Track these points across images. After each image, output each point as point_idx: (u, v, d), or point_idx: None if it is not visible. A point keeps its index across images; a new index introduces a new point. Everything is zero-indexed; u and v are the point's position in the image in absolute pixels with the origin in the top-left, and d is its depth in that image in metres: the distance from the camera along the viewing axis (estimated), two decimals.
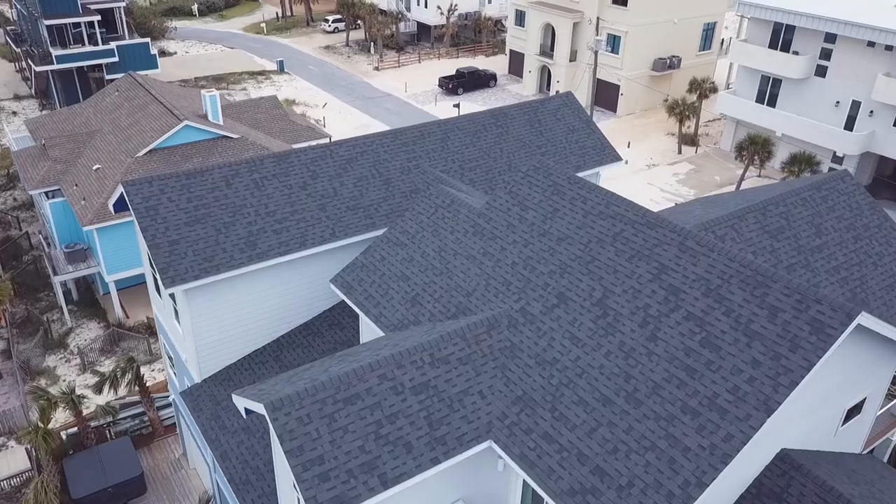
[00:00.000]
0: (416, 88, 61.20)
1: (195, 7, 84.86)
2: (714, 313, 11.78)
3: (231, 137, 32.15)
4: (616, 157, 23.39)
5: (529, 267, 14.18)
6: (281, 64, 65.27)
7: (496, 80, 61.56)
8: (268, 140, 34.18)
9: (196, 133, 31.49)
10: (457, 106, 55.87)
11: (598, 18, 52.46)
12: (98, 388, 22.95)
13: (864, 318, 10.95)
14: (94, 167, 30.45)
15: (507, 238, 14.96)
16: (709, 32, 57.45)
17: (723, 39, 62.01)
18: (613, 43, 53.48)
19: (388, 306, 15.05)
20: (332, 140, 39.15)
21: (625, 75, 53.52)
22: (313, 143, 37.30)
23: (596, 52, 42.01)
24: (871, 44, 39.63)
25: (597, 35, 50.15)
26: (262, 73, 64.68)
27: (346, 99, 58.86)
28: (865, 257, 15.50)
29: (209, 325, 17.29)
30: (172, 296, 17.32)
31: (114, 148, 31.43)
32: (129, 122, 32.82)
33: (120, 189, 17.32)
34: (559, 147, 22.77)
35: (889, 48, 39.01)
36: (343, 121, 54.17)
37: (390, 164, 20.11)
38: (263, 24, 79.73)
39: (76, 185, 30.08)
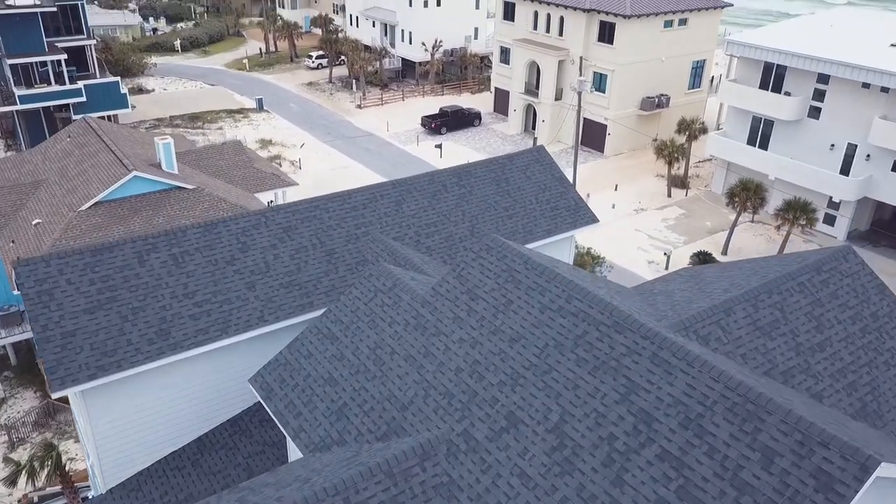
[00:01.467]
0: (398, 127, 59.41)
1: (178, 43, 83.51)
2: (694, 452, 9.42)
3: (186, 188, 29.93)
4: (592, 219, 21.19)
5: (476, 375, 11.83)
6: (260, 102, 63.52)
7: (481, 119, 59.83)
8: (227, 189, 32.00)
9: (147, 184, 29.27)
10: (439, 146, 54.07)
11: (581, 58, 50.84)
12: (11, 481, 20.36)
13: (886, 469, 8.59)
14: (34, 222, 28.16)
15: (453, 335, 12.62)
16: (698, 70, 55.92)
17: (713, 77, 60.52)
18: (600, 81, 51.83)
19: (310, 418, 12.64)
20: (299, 185, 36.97)
21: (612, 115, 51.76)
22: (279, 190, 35.27)
23: (580, 93, 40.17)
24: (866, 85, 37.86)
25: (580, 75, 48.44)
26: (240, 111, 62.90)
27: (326, 139, 56.97)
28: (876, 355, 13.21)
29: (113, 428, 14.84)
30: None
31: (57, 200, 29.18)
32: (77, 172, 30.63)
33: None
34: (528, 209, 20.58)
35: (885, 90, 37.22)
36: (320, 162, 52.20)
37: (335, 231, 17.86)
38: (246, 60, 78.29)
39: (13, 241, 27.74)
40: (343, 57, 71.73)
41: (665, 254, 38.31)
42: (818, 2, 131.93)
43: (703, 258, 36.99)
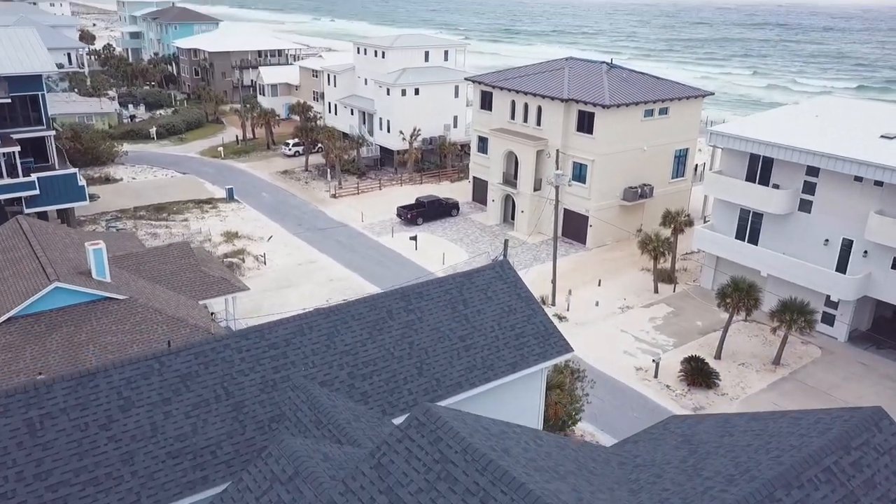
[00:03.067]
0: (373, 218, 57.03)
1: (153, 130, 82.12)
2: None
3: (116, 299, 26.76)
4: (565, 348, 18.07)
5: None
6: (230, 192, 61.18)
7: (459, 209, 57.62)
8: (167, 298, 28.82)
9: (71, 295, 26.07)
10: (413, 238, 51.54)
11: (557, 151, 49.03)
12: None
13: None
14: None
15: None
16: (681, 158, 54.32)
17: (696, 165, 59.03)
18: (580, 172, 49.90)
19: None
20: (250, 289, 32.80)
21: (593, 206, 49.56)
22: (228, 296, 32.17)
23: (557, 187, 37.94)
24: (858, 178, 35.80)
25: (557, 168, 46.49)
26: (208, 201, 60.42)
27: (296, 231, 54.32)
28: None
29: None
30: None
31: None
32: None
33: None
34: (490, 337, 17.46)
35: (879, 184, 35.12)
36: (287, 256, 49.33)
37: (246, 377, 14.61)
38: (221, 148, 76.65)
39: None
40: (320, 145, 70.22)
41: (654, 360, 35.05)
42: (790, 90, 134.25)
43: (695, 365, 33.82)
